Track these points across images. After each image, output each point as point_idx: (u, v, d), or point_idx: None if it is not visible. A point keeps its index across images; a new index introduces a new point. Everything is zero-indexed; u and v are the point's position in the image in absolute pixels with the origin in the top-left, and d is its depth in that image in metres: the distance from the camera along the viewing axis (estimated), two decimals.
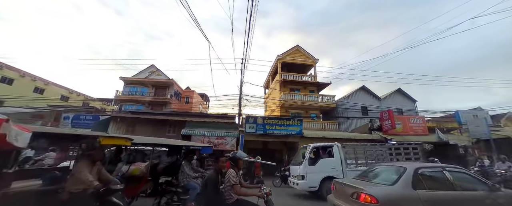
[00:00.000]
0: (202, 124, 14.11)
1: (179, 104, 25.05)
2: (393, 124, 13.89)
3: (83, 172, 2.90)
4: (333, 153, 7.55)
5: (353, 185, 3.74)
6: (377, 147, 8.24)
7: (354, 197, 3.49)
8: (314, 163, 7.22)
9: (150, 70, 24.51)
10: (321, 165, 7.17)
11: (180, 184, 4.65)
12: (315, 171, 7.05)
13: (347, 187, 3.84)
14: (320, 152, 7.79)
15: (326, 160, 7.36)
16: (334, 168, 7.22)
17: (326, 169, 7.14)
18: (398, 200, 3.25)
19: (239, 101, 16.19)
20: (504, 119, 16.29)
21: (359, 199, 3.37)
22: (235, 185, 2.95)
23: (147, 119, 14.51)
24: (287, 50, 20.95)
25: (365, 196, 3.32)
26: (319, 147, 7.81)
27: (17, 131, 2.06)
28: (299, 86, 20.31)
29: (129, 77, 23.96)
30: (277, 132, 13.95)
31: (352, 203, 3.50)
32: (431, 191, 3.34)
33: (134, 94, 23.31)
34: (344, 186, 3.96)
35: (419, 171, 3.59)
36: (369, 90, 19.14)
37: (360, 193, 3.41)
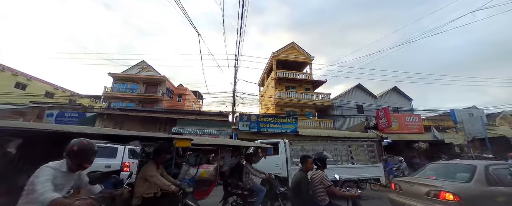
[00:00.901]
0: (194, 122, 13.57)
1: (171, 102, 24.31)
2: (389, 122, 13.71)
3: (156, 176, 2.86)
4: (279, 150, 7.21)
5: (427, 183, 3.74)
6: (338, 144, 7.89)
7: (431, 195, 3.50)
8: (257, 161, 6.88)
9: (140, 66, 23.65)
10: (264, 162, 6.70)
11: (246, 186, 4.49)
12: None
13: (418, 185, 3.85)
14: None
15: (271, 157, 7.00)
16: (278, 166, 6.94)
17: (270, 166, 6.71)
18: (478, 197, 3.30)
19: (233, 99, 15.70)
20: (499, 118, 16.42)
21: (438, 197, 3.38)
22: (332, 186, 2.93)
23: (136, 116, 13.86)
24: (282, 47, 20.55)
25: (447, 194, 3.32)
26: (263, 143, 7.42)
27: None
28: (294, 84, 19.98)
29: (118, 73, 23.04)
30: (271, 130, 13.56)
31: (429, 201, 3.50)
32: (505, 188, 3.42)
33: (124, 91, 22.41)
34: (413, 184, 3.95)
35: (489, 169, 3.66)
36: (365, 89, 18.98)
37: (439, 191, 3.40)
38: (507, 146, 11.42)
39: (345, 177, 6.72)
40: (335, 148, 7.69)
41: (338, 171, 6.09)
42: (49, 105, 16.65)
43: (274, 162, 7.00)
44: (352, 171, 7.05)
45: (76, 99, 24.14)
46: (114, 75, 22.88)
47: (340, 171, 6.39)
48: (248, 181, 4.56)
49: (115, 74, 22.94)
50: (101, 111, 13.89)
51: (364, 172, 7.19)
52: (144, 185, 2.84)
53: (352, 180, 6.83)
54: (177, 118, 13.25)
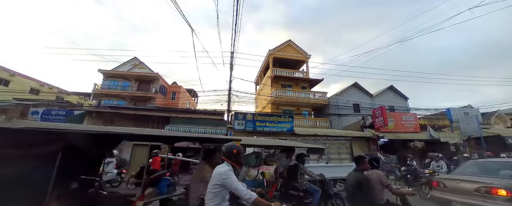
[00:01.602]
0: (188, 120, 13.11)
1: (165, 100, 23.68)
2: (386, 121, 13.62)
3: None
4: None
5: (477, 180, 3.90)
6: (318, 143, 7.72)
7: (481, 192, 3.65)
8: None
9: (132, 63, 22.90)
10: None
11: (301, 187, 4.46)
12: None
13: (466, 182, 4.01)
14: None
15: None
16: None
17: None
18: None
19: (228, 97, 15.30)
20: (494, 117, 16.66)
21: (490, 193, 3.54)
22: (390, 185, 2.99)
23: (127, 114, 13.28)
24: (279, 45, 20.27)
25: (499, 190, 3.48)
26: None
27: None
28: (290, 83, 19.74)
29: (109, 70, 22.24)
30: (267, 129, 13.25)
31: (480, 197, 3.67)
32: None
33: (115, 89, 21.66)
34: (460, 182, 4.11)
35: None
36: (361, 87, 18.93)
37: (491, 188, 3.56)
38: (502, 145, 11.52)
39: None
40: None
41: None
42: (34, 102, 15.84)
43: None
44: (323, 171, 6.84)
45: (64, 97, 23.18)
46: (105, 72, 22.07)
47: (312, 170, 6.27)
48: (303, 182, 4.57)
49: (106, 71, 22.13)
50: (90, 108, 13.24)
51: (337, 172, 6.91)
52: (200, 186, 2.86)
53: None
54: (170, 116, 12.76)
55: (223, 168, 1.99)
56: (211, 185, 1.96)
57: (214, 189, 1.93)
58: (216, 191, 1.93)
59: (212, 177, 1.99)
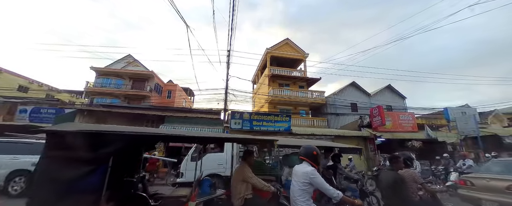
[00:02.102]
0: (184, 119, 12.78)
1: (160, 99, 23.22)
2: (383, 120, 13.54)
3: (255, 177, 3.03)
4: (225, 148, 6.83)
5: (508, 178, 4.05)
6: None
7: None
8: (199, 158, 6.28)
9: (126, 60, 22.32)
10: (207, 160, 6.31)
11: (339, 187, 4.45)
12: (196, 168, 6.21)
13: (497, 181, 4.16)
14: (214, 146, 7.06)
15: (214, 155, 6.61)
16: (220, 164, 6.54)
17: (211, 165, 6.38)
18: None
19: (225, 95, 14.99)
20: (491, 116, 16.77)
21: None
22: (424, 184, 3.15)
23: (121, 113, 12.86)
24: (276, 43, 20.03)
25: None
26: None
27: None
28: (288, 82, 19.55)
29: (102, 68, 21.63)
30: (264, 128, 13.03)
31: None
32: None
33: (108, 87, 21.10)
34: (490, 180, 4.25)
35: None
36: (359, 87, 18.86)
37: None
38: (499, 144, 11.55)
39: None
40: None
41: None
42: (22, 99, 15.23)
43: (217, 160, 6.51)
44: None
45: (55, 95, 22.44)
46: (98, 69, 21.47)
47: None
48: (341, 181, 4.65)
49: (99, 69, 21.53)
50: (82, 107, 12.76)
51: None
52: (243, 186, 2.94)
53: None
54: (165, 115, 12.40)
55: (308, 168, 2.15)
56: (300, 182, 2.12)
57: (303, 186, 2.10)
58: (305, 188, 2.10)
59: (298, 176, 2.16)
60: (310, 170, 2.11)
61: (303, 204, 2.07)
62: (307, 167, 2.17)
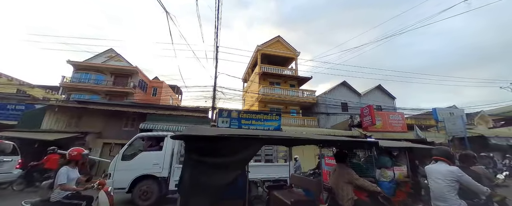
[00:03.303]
0: (167, 118, 11.94)
1: (145, 96, 22.02)
2: (374, 120, 13.40)
3: (361, 179, 3.11)
4: (164, 146, 6.11)
5: None
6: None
7: None
8: (132, 157, 5.84)
9: (107, 55, 20.95)
10: (140, 159, 5.78)
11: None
12: (128, 168, 5.61)
13: None
14: (152, 143, 6.34)
15: (149, 153, 5.94)
16: (156, 164, 5.82)
17: (145, 165, 5.73)
18: None
19: (213, 93, 14.30)
20: (478, 118, 17.19)
21: None
22: (493, 179, 3.36)
23: (98, 110, 11.81)
24: (267, 40, 19.57)
25: None
26: (146, 137, 6.34)
27: None
28: (279, 80, 19.11)
29: (80, 62, 20.16)
30: (253, 127, 12.46)
31: None
32: None
33: (87, 82, 19.69)
34: None
35: None
36: (350, 86, 18.77)
37: None
38: (485, 145, 11.73)
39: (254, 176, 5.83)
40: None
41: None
42: None
43: (153, 159, 5.82)
44: (260, 171, 6.20)
45: (28, 90, 20.68)
46: (75, 63, 19.98)
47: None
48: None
49: (77, 63, 20.04)
50: (52, 103, 11.58)
51: (272, 172, 6.40)
52: (349, 188, 2.99)
53: (252, 180, 5.89)
54: (147, 112, 11.51)
55: (452, 167, 2.44)
56: (447, 180, 2.36)
57: (451, 183, 2.34)
58: (453, 185, 2.34)
59: (443, 174, 2.41)
60: (456, 169, 2.40)
61: (454, 198, 2.31)
62: (450, 166, 2.46)
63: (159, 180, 5.65)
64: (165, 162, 5.81)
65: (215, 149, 2.21)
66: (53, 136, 9.78)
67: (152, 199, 5.46)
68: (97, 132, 11.44)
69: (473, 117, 16.43)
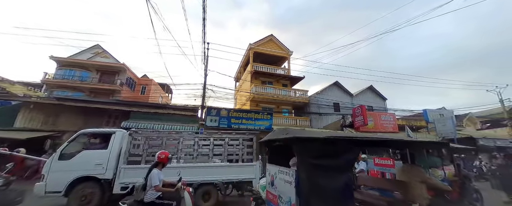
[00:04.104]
0: (153, 116, 11.40)
1: (133, 94, 21.23)
2: (365, 120, 13.28)
3: (434, 178, 3.36)
4: (110, 143, 5.49)
5: None
6: (203, 136, 6.08)
7: None
8: (71, 156, 5.17)
9: (94, 51, 20.08)
10: (81, 159, 5.12)
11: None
12: (66, 168, 4.96)
13: None
14: (98, 141, 5.74)
15: (92, 152, 5.31)
16: (99, 163, 5.16)
17: (86, 165, 5.06)
18: None
19: (203, 91, 13.84)
20: (466, 119, 17.43)
21: None
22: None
23: (78, 107, 11.12)
24: (260, 39, 19.23)
25: None
26: (90, 134, 5.62)
27: None
28: (271, 79, 18.80)
29: (64, 58, 19.24)
30: (243, 127, 12.07)
31: None
32: None
33: (71, 79, 18.78)
34: None
35: None
36: (342, 86, 18.67)
37: None
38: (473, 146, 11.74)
39: (196, 178, 5.40)
40: (197, 142, 5.86)
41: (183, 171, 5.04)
42: None
43: (95, 159, 5.18)
44: (205, 171, 5.59)
45: (7, 87, 19.54)
46: (59, 59, 19.05)
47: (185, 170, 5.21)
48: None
49: (60, 59, 19.12)
50: (27, 99, 10.82)
51: (234, 173, 5.76)
52: (423, 187, 3.03)
53: (211, 182, 5.52)
54: (130, 110, 10.92)
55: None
56: None
57: None
58: None
59: None
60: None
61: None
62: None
63: (101, 183, 5.01)
64: (110, 162, 5.16)
65: (326, 151, 2.30)
66: (26, 134, 9.09)
67: (92, 204, 4.84)
68: (76, 131, 10.73)
69: (461, 119, 16.65)
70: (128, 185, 5.01)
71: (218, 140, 5.99)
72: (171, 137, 5.75)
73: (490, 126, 18.71)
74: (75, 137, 5.39)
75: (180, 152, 5.67)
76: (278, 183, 2.97)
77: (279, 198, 2.88)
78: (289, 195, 2.54)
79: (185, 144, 5.76)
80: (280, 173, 2.95)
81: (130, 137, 5.42)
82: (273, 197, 3.10)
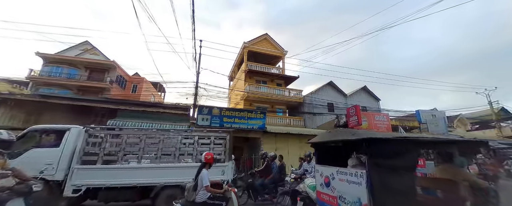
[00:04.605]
0: (141, 114, 11.01)
1: (124, 93, 20.66)
2: (360, 120, 13.16)
3: (475, 176, 3.24)
4: (63, 141, 4.97)
5: None
6: (171, 134, 5.50)
7: None
8: (18, 155, 4.63)
9: (82, 47, 19.45)
10: (28, 158, 4.60)
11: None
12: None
13: None
14: (53, 138, 5.20)
15: (42, 150, 4.76)
16: (49, 163, 4.64)
17: (34, 164, 4.53)
18: None
19: (196, 90, 13.50)
20: (457, 121, 17.73)
21: None
22: None
23: (63, 105, 10.63)
24: (254, 37, 19.03)
25: None
26: (41, 130, 5.12)
27: None
28: (265, 79, 18.60)
29: (51, 54, 18.55)
30: (236, 126, 11.79)
31: None
32: None
33: (59, 76, 18.13)
34: None
35: None
36: (336, 86, 18.64)
37: None
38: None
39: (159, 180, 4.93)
40: (163, 140, 5.36)
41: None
42: None
43: (45, 158, 4.66)
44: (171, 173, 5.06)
45: None
46: (45, 56, 18.35)
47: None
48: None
49: (47, 55, 18.43)
50: (6, 96, 10.27)
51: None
52: (466, 185, 3.03)
53: (177, 185, 4.89)
54: (118, 108, 10.50)
55: None
56: None
57: None
58: None
59: None
60: None
61: None
62: None
63: (50, 184, 4.51)
64: (62, 162, 4.65)
65: (397, 151, 2.39)
66: None
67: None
68: None
69: (452, 120, 16.92)
70: (81, 187, 4.53)
71: (188, 138, 5.49)
72: (136, 134, 5.32)
73: (479, 128, 19.23)
74: (24, 133, 4.80)
75: (142, 151, 5.17)
76: (338, 184, 3.06)
77: (340, 199, 2.96)
78: (358, 195, 2.63)
79: (148, 142, 5.27)
80: (340, 174, 3.03)
81: (86, 134, 4.92)
82: (330, 198, 3.19)
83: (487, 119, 19.28)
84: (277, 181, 6.20)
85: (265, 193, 6.01)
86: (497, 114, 18.65)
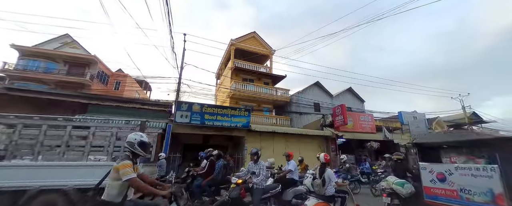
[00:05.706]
0: (114, 110, 10.42)
1: (106, 89, 19.83)
2: (346, 119, 13.11)
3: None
4: None
5: None
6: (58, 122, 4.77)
7: None
8: None
9: (62, 40, 18.57)
10: None
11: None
12: None
13: None
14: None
15: None
16: None
17: None
18: None
19: (178, 85, 13.00)
20: (435, 123, 18.27)
21: None
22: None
23: (29, 99, 9.90)
24: (242, 35, 18.73)
25: None
26: None
27: None
28: (253, 77, 18.31)
29: (28, 47, 17.60)
30: (218, 124, 11.39)
31: None
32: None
33: (35, 70, 17.20)
34: None
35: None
36: (322, 87, 18.59)
37: None
38: None
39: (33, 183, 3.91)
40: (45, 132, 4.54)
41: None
42: None
43: None
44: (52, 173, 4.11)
45: None
46: (21, 48, 17.39)
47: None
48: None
49: (23, 48, 17.46)
50: None
51: (87, 176, 4.15)
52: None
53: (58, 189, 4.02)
54: (89, 103, 9.90)
55: None
56: None
57: None
58: None
59: None
60: None
61: None
62: None
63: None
64: None
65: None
66: None
67: None
68: None
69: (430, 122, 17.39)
70: None
71: (80, 130, 4.59)
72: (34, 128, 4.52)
73: (453, 130, 20.50)
74: None
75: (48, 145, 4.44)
76: (458, 179, 3.53)
77: (462, 191, 3.44)
78: (490, 187, 3.12)
79: (24, 133, 4.44)
80: (461, 169, 3.53)
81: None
82: (447, 191, 3.65)
83: (461, 122, 20.52)
84: (219, 182, 5.52)
85: (204, 195, 5.33)
86: (469, 117, 20.40)
